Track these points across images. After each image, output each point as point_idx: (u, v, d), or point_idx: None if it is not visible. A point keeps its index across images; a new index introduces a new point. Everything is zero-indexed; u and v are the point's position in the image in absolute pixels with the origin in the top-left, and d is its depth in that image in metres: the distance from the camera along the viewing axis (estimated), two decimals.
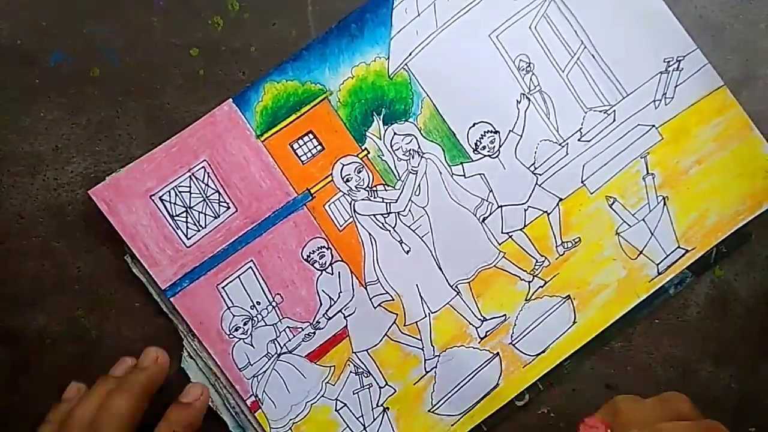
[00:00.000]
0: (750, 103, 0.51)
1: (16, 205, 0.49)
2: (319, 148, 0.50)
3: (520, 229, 0.51)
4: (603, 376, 0.52)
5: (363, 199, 0.50)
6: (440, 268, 0.50)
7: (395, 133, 0.50)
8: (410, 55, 0.50)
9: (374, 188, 0.50)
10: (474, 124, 0.50)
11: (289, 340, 0.49)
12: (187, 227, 0.49)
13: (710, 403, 0.52)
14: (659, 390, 0.49)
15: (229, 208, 0.49)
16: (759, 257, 0.52)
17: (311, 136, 0.50)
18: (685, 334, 0.52)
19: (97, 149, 0.49)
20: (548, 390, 0.51)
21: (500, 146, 0.50)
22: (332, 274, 0.50)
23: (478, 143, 0.50)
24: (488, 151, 0.51)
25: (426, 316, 0.50)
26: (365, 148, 0.50)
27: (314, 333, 0.49)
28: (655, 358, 0.52)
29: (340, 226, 0.50)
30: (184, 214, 0.49)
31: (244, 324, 0.49)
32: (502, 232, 0.51)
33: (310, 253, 0.49)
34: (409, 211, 0.50)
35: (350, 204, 0.50)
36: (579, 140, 0.51)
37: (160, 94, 0.49)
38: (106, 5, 0.49)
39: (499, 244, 0.51)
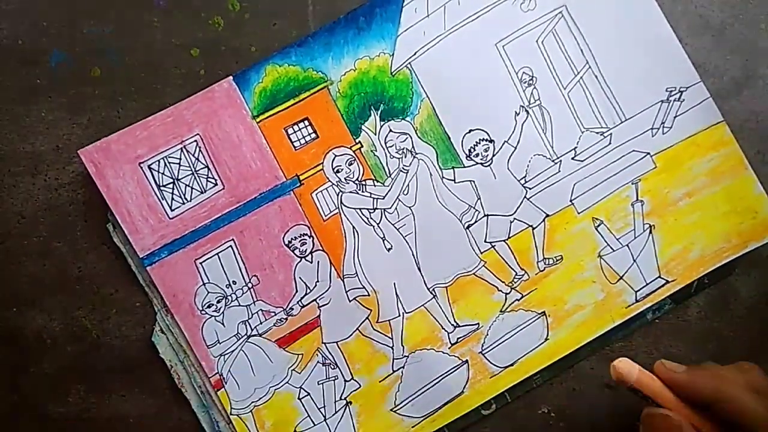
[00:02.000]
0: (750, 103, 0.52)
1: (17, 205, 0.49)
2: (313, 135, 0.50)
3: (504, 240, 0.51)
4: (603, 376, 0.51)
5: (351, 192, 0.50)
6: (419, 270, 0.50)
7: (391, 130, 0.50)
8: (415, 54, 0.50)
9: (363, 182, 0.50)
10: (470, 131, 0.50)
11: (261, 323, 0.49)
12: (172, 198, 0.49)
13: None
14: None
15: (216, 184, 0.49)
16: (759, 257, 0.52)
17: (307, 123, 0.50)
18: (685, 334, 0.52)
19: None
20: (517, 401, 0.51)
21: (494, 155, 0.50)
22: (311, 262, 0.49)
23: (472, 150, 0.50)
24: (481, 159, 0.50)
25: (399, 315, 0.50)
26: (359, 142, 0.50)
27: (286, 319, 0.49)
28: (655, 358, 0.51)
29: (325, 215, 0.50)
30: (171, 186, 0.49)
31: (218, 302, 0.49)
32: (485, 241, 0.50)
33: (291, 239, 0.49)
34: (396, 209, 0.50)
35: (337, 195, 0.50)
36: (572, 159, 0.51)
37: (160, 94, 0.49)
38: (106, 5, 0.49)
39: (481, 253, 0.50)
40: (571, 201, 0.51)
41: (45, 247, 0.49)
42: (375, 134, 0.50)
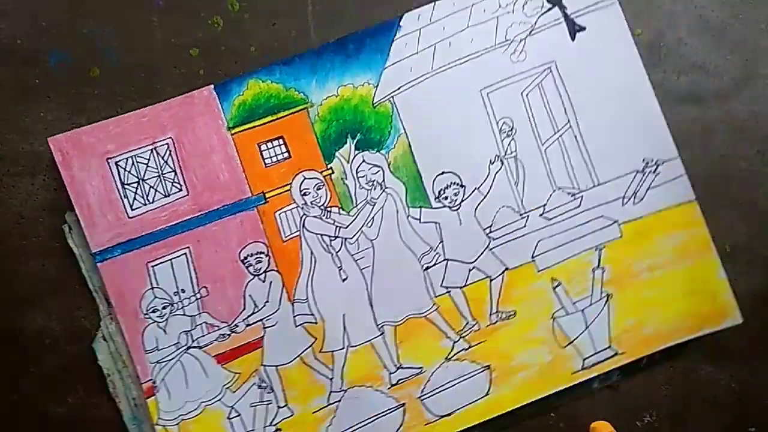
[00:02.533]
0: (750, 103, 0.51)
1: (17, 205, 0.49)
2: (285, 155, 0.50)
3: (460, 288, 0.50)
4: (603, 376, 0.51)
5: (315, 217, 0.50)
6: (371, 305, 0.50)
7: (364, 161, 0.50)
8: (399, 89, 0.50)
9: (329, 209, 0.50)
10: (443, 173, 0.50)
11: (203, 336, 0.49)
12: (134, 198, 0.48)
13: (710, 403, 0.51)
14: (660, 390, 0.51)
15: (180, 190, 0.49)
16: (759, 257, 0.51)
17: (281, 141, 0.49)
18: None
19: None
20: None
21: (462, 201, 0.50)
22: (264, 281, 0.49)
23: (442, 192, 0.50)
24: (449, 203, 0.50)
25: (344, 347, 0.49)
26: (331, 168, 0.50)
27: (229, 335, 0.49)
28: (655, 358, 0.51)
29: (285, 236, 0.49)
30: (135, 185, 0.48)
31: (163, 308, 0.48)
32: (441, 285, 0.50)
33: (248, 255, 0.49)
34: (357, 240, 0.50)
35: (301, 218, 0.49)
36: (540, 216, 0.50)
37: (160, 94, 0.49)
38: (106, 5, 0.49)
39: (436, 297, 0.50)
40: (532, 257, 0.50)
41: (45, 247, 0.49)
42: (348, 162, 0.50)
